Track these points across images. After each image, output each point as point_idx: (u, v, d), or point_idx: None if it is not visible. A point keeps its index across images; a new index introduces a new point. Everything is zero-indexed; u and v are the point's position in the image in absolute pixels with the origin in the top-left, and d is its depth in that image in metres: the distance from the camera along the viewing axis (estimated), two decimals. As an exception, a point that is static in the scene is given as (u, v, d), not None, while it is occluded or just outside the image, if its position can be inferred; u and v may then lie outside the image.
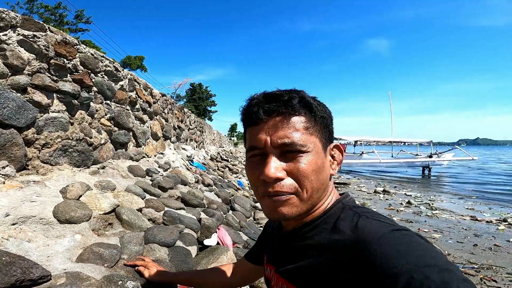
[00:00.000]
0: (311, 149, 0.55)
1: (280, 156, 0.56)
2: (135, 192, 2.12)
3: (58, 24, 16.90)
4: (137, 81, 3.35)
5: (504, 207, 6.49)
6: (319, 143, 0.57)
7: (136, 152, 3.11)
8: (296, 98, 0.57)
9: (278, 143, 0.55)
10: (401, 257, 0.42)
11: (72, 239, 1.29)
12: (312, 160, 0.55)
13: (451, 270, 0.39)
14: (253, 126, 0.59)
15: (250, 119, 0.60)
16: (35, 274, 0.93)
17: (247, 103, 0.62)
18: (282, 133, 0.55)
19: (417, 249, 0.43)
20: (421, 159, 16.57)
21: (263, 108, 0.57)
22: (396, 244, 0.44)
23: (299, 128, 0.55)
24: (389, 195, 7.90)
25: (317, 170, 0.55)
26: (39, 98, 1.78)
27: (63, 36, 2.03)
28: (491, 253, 3.43)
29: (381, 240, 0.45)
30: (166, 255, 1.48)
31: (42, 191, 1.54)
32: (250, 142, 0.60)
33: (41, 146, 1.82)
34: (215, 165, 7.02)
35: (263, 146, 0.56)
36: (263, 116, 0.57)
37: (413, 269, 0.39)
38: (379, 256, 0.43)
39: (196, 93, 32.76)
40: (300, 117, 0.56)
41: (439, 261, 0.40)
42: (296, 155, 0.55)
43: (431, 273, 0.38)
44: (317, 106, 0.58)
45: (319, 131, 0.58)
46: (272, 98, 0.57)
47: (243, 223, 2.77)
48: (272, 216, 0.58)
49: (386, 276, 0.41)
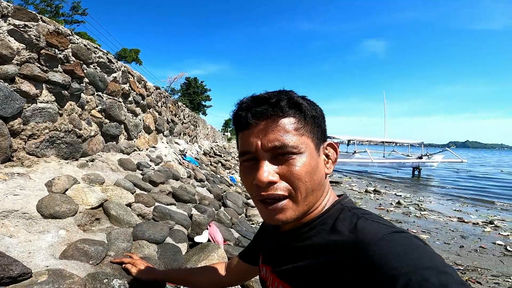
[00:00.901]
0: (303, 150, 0.55)
1: (272, 159, 0.55)
2: (124, 186, 2.07)
3: (54, 15, 16.58)
4: (131, 73, 3.28)
5: (491, 210, 6.64)
6: (311, 143, 0.57)
7: (127, 145, 3.06)
8: (285, 99, 0.56)
9: (269, 147, 0.54)
10: (399, 259, 0.41)
11: (56, 234, 1.25)
12: (305, 161, 0.54)
13: (449, 273, 0.39)
14: (244, 131, 0.59)
15: (240, 124, 0.59)
16: (14, 271, 0.89)
17: (237, 108, 0.61)
18: (272, 136, 0.54)
19: (415, 252, 0.43)
20: (411, 160, 16.82)
21: (251, 112, 0.56)
22: (395, 246, 0.44)
23: (289, 129, 0.55)
24: (379, 194, 7.99)
25: (311, 171, 0.55)
26: (27, 88, 1.72)
27: (56, 27, 1.97)
28: (476, 255, 3.49)
29: (380, 242, 0.45)
30: (155, 252, 1.45)
31: (26, 184, 1.49)
32: (242, 146, 0.60)
33: (28, 137, 1.76)
34: (208, 160, 6.97)
35: (255, 150, 0.56)
36: (252, 121, 0.56)
37: (411, 271, 0.39)
38: (378, 258, 0.43)
39: (191, 87, 32.47)
40: (289, 118, 0.55)
41: (437, 263, 0.40)
42: (288, 158, 0.54)
43: (430, 275, 0.38)
44: (306, 106, 0.57)
45: (310, 131, 0.57)
46: (260, 101, 0.57)
47: (234, 220, 2.75)
48: (269, 222, 0.58)
49: (385, 277, 0.41)
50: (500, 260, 3.32)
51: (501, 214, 6.03)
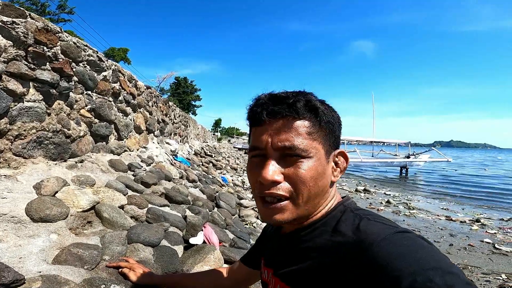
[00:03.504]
0: (313, 154, 0.54)
1: (280, 159, 0.55)
2: (116, 188, 2.02)
3: (40, 14, 16.10)
4: (122, 72, 3.20)
5: (476, 208, 6.84)
6: (322, 149, 0.56)
7: (117, 145, 2.98)
8: (302, 101, 0.55)
9: (279, 146, 0.54)
10: (404, 259, 0.41)
11: (47, 239, 1.19)
12: (312, 166, 0.54)
13: (455, 273, 0.38)
14: (257, 127, 0.59)
15: (254, 120, 0.60)
16: (7, 278, 0.85)
17: (253, 103, 0.61)
18: (283, 136, 0.54)
19: (420, 252, 0.42)
20: (399, 159, 17.19)
21: (267, 110, 0.56)
22: (399, 246, 0.43)
23: (302, 132, 0.54)
24: (369, 194, 8.12)
25: (316, 177, 0.55)
26: (13, 86, 1.65)
27: (45, 24, 1.89)
28: (466, 253, 3.58)
29: (383, 242, 0.45)
30: (151, 256, 1.41)
31: (14, 186, 1.43)
32: (253, 142, 0.60)
33: (14, 137, 1.68)
34: (199, 160, 6.91)
35: (264, 147, 0.56)
36: (266, 118, 0.56)
37: (416, 271, 0.38)
38: (382, 258, 0.42)
39: (180, 87, 32.13)
40: (304, 121, 0.55)
41: (442, 263, 0.40)
42: (296, 160, 0.54)
43: (435, 276, 0.37)
44: (323, 111, 0.57)
45: (323, 136, 0.57)
46: (277, 100, 0.56)
47: (228, 220, 2.73)
48: (266, 221, 0.58)
49: (388, 279, 0.40)
50: (489, 258, 3.41)
51: (487, 212, 6.23)
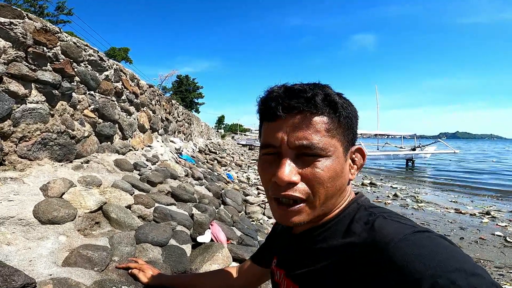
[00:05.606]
0: (331, 153, 0.51)
1: (296, 158, 0.51)
2: (123, 188, 2.01)
3: (38, 15, 16.11)
4: (123, 71, 3.18)
5: (485, 200, 6.74)
6: (341, 147, 0.53)
7: (122, 145, 2.97)
8: (321, 95, 0.51)
9: (296, 145, 0.51)
10: (424, 261, 0.38)
11: (56, 241, 1.18)
12: (331, 165, 0.51)
13: (479, 275, 0.35)
14: (270, 122, 0.54)
15: (267, 114, 0.55)
16: (17, 282, 0.84)
17: (266, 95, 0.56)
18: (301, 134, 0.50)
19: (442, 252, 0.39)
20: (405, 152, 17.03)
21: (282, 105, 0.52)
22: (419, 247, 0.40)
23: (321, 129, 0.51)
24: (376, 187, 8.06)
25: (334, 176, 0.51)
26: (15, 88, 1.63)
27: (43, 24, 1.87)
28: (477, 246, 3.53)
29: (401, 243, 0.42)
30: (160, 255, 1.40)
31: (20, 188, 1.42)
32: (265, 138, 0.56)
33: (18, 139, 1.68)
34: (204, 157, 6.90)
35: (279, 145, 0.52)
36: (281, 113, 0.52)
37: (437, 273, 0.36)
38: (400, 260, 0.40)
39: (183, 85, 32.14)
40: (322, 117, 0.51)
41: (466, 264, 0.37)
42: (313, 159, 0.50)
43: (458, 278, 0.35)
44: (342, 105, 0.53)
45: (342, 133, 0.53)
46: (293, 94, 0.52)
47: (235, 217, 2.71)
48: (281, 222, 0.56)
49: (407, 281, 0.37)
50: (501, 251, 3.35)
51: (497, 205, 6.13)
